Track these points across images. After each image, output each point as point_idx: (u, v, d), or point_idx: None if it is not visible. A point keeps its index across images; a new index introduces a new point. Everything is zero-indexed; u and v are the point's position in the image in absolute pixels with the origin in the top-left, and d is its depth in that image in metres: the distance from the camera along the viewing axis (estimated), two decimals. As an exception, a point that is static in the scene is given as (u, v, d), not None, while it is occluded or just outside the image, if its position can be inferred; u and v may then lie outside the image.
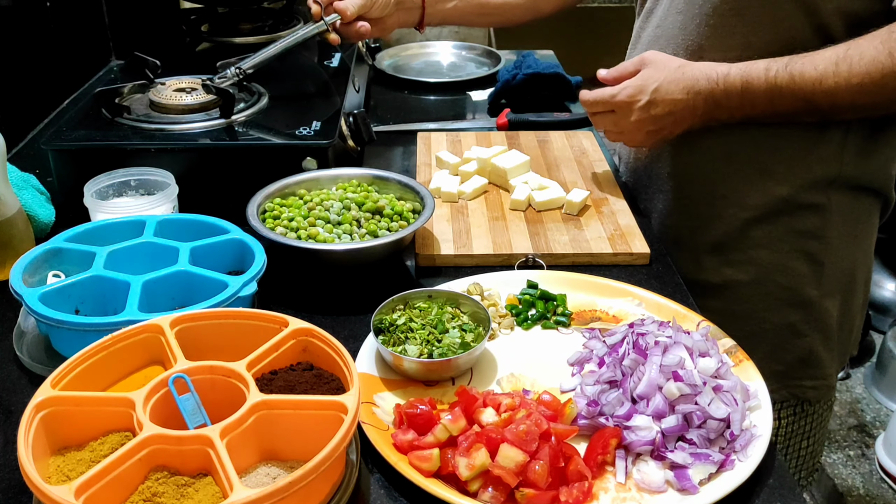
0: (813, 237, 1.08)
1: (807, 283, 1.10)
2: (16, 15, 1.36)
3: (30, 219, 0.99)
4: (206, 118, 1.13)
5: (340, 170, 1.09)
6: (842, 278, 1.12)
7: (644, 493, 0.70)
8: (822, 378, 1.15)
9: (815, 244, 1.09)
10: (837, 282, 1.12)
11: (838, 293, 1.13)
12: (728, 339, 0.85)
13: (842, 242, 1.10)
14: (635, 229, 1.07)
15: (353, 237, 0.98)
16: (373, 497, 0.70)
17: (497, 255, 1.02)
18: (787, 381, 1.14)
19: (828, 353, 1.15)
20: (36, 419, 0.63)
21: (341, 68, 1.37)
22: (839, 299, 1.13)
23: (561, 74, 1.56)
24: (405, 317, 0.85)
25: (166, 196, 1.00)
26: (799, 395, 1.15)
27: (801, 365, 1.14)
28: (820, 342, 1.14)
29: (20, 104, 1.37)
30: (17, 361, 0.84)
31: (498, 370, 0.84)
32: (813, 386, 1.15)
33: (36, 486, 0.57)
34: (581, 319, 0.92)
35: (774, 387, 1.07)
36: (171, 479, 0.62)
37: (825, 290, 1.11)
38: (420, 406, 0.74)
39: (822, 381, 1.16)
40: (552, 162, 1.27)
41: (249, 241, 0.91)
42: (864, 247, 1.14)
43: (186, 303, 0.80)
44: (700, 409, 0.73)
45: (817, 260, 1.09)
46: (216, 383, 0.69)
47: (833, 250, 1.09)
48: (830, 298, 1.12)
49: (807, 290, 1.11)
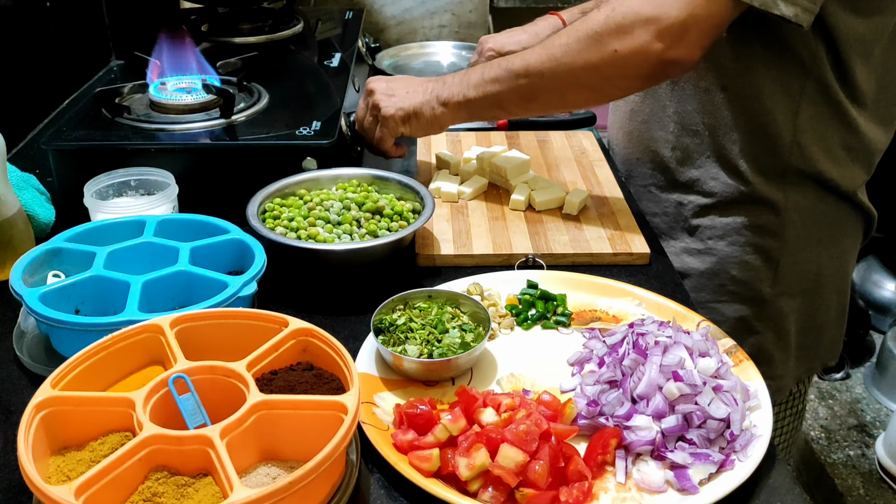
0: (769, 234, 1.09)
1: (762, 279, 1.11)
2: (16, 15, 1.36)
3: (30, 219, 0.99)
4: (206, 118, 1.13)
5: (340, 170, 1.09)
6: (802, 280, 1.13)
7: (644, 493, 0.70)
8: (771, 377, 1.15)
9: (771, 241, 1.10)
10: (797, 283, 1.12)
11: (798, 295, 1.13)
12: (728, 339, 0.85)
13: (801, 244, 1.10)
14: (635, 229, 1.07)
15: (353, 237, 0.98)
16: (373, 497, 0.70)
17: (497, 255, 1.02)
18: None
19: (781, 353, 1.15)
20: (36, 419, 0.63)
21: (341, 68, 1.37)
22: (799, 301, 1.14)
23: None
24: (405, 317, 0.85)
25: (166, 196, 1.00)
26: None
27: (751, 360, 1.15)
28: (772, 340, 1.14)
29: (20, 104, 1.37)
30: (17, 361, 0.84)
31: (498, 370, 0.85)
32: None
33: (36, 486, 0.57)
34: (581, 319, 0.92)
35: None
36: (171, 479, 0.62)
37: (781, 290, 1.12)
38: (420, 406, 0.74)
39: (769, 380, 1.16)
40: (552, 162, 1.27)
41: (249, 241, 0.91)
42: (835, 253, 1.14)
43: (186, 303, 0.80)
44: (700, 409, 0.73)
45: (772, 258, 1.10)
46: (216, 383, 0.69)
47: (790, 250, 1.10)
48: (787, 298, 1.13)
49: (761, 287, 1.12)
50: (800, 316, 1.15)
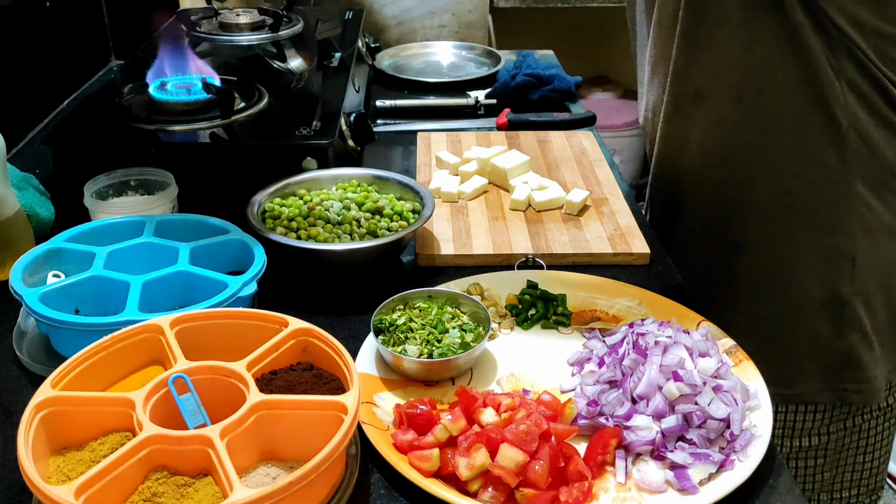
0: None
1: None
2: (16, 15, 1.36)
3: (30, 219, 0.99)
4: (206, 118, 1.13)
5: (340, 170, 1.09)
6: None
7: (644, 493, 0.70)
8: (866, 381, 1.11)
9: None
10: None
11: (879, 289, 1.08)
12: (728, 339, 0.85)
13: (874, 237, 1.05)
14: (635, 229, 1.07)
15: (353, 237, 0.98)
16: (373, 497, 0.70)
17: (497, 255, 1.02)
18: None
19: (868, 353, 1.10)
20: (36, 419, 0.63)
21: (341, 68, 1.37)
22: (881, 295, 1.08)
23: (561, 75, 1.56)
24: (405, 317, 0.85)
25: (166, 196, 1.00)
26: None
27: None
28: (858, 341, 1.09)
29: (20, 104, 1.37)
30: (17, 361, 0.84)
31: (498, 370, 0.85)
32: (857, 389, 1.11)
33: (36, 486, 0.57)
34: (581, 319, 0.92)
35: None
36: (171, 479, 0.62)
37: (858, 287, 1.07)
38: (420, 406, 0.74)
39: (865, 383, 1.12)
40: (552, 162, 1.27)
41: (249, 241, 0.91)
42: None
43: (186, 303, 0.80)
44: (700, 409, 0.73)
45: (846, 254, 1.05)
46: (216, 383, 0.69)
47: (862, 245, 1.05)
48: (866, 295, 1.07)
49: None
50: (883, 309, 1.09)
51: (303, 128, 1.11)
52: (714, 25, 1.01)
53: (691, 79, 1.07)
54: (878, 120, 0.99)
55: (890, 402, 1.17)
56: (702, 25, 1.03)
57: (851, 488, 1.21)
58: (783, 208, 1.05)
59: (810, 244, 1.06)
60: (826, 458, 1.16)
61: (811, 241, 1.06)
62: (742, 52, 1.00)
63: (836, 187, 1.02)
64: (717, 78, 1.04)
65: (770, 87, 1.00)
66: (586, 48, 2.78)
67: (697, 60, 1.05)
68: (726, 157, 1.07)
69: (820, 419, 1.12)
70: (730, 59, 1.02)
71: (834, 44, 0.95)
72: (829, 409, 1.12)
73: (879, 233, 1.05)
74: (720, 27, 1.00)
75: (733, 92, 1.03)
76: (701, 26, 1.03)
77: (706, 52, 1.03)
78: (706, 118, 1.08)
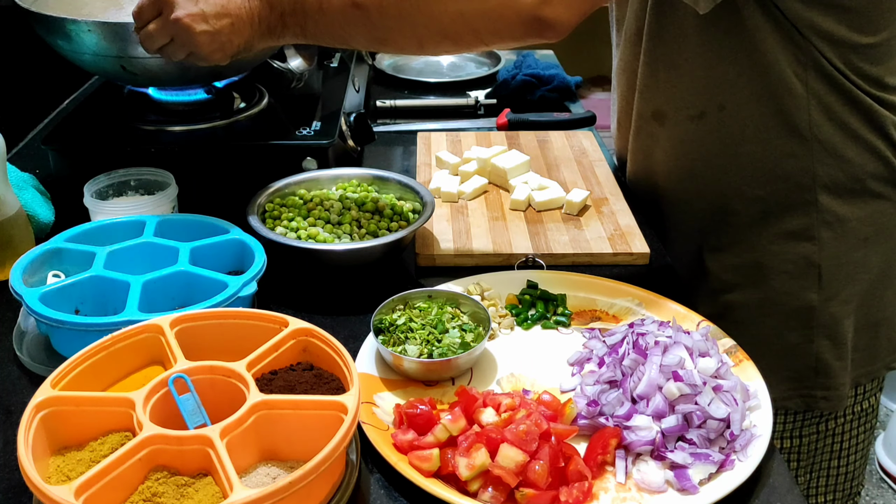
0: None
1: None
2: (16, 15, 1.36)
3: (30, 219, 0.99)
4: (206, 118, 1.14)
5: (340, 170, 1.09)
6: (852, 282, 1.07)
7: (644, 493, 0.70)
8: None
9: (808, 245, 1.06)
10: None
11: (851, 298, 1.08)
12: (728, 339, 0.85)
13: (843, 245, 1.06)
14: (635, 229, 1.07)
15: (353, 237, 0.98)
16: (373, 497, 0.70)
17: (497, 255, 1.02)
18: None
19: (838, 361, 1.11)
20: (36, 419, 0.63)
21: (341, 68, 1.37)
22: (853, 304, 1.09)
23: (561, 75, 1.56)
24: (405, 317, 0.85)
25: (166, 196, 1.00)
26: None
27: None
28: (828, 349, 1.10)
29: (20, 104, 1.37)
30: (17, 361, 0.84)
31: (498, 370, 0.84)
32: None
33: (36, 486, 0.57)
34: (581, 319, 0.92)
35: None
36: (171, 479, 0.62)
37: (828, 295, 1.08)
38: (420, 406, 0.74)
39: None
40: (552, 162, 1.27)
41: (249, 241, 0.91)
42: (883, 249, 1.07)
43: (186, 303, 0.80)
44: (700, 409, 0.73)
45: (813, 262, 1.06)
46: (216, 383, 0.69)
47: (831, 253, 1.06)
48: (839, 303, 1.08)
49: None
50: (855, 318, 1.09)
51: (303, 128, 1.11)
52: (674, 46, 1.02)
53: (653, 98, 1.08)
54: (844, 130, 1.00)
55: (864, 406, 1.17)
56: (660, 46, 1.04)
57: (827, 493, 1.21)
58: (755, 215, 1.06)
59: (780, 251, 1.07)
60: (800, 462, 1.16)
61: (781, 248, 1.07)
62: (702, 71, 1.01)
63: (802, 195, 1.03)
64: (678, 99, 1.05)
65: (731, 101, 1.01)
66: (586, 48, 2.78)
67: (659, 81, 1.06)
68: (693, 172, 1.08)
69: (791, 422, 1.13)
70: (691, 79, 1.02)
71: (803, 57, 0.96)
72: (801, 414, 1.13)
73: (847, 240, 1.06)
74: (680, 49, 1.01)
75: (694, 110, 1.04)
76: (659, 47, 1.04)
77: (667, 72, 1.04)
78: (668, 137, 1.09)
